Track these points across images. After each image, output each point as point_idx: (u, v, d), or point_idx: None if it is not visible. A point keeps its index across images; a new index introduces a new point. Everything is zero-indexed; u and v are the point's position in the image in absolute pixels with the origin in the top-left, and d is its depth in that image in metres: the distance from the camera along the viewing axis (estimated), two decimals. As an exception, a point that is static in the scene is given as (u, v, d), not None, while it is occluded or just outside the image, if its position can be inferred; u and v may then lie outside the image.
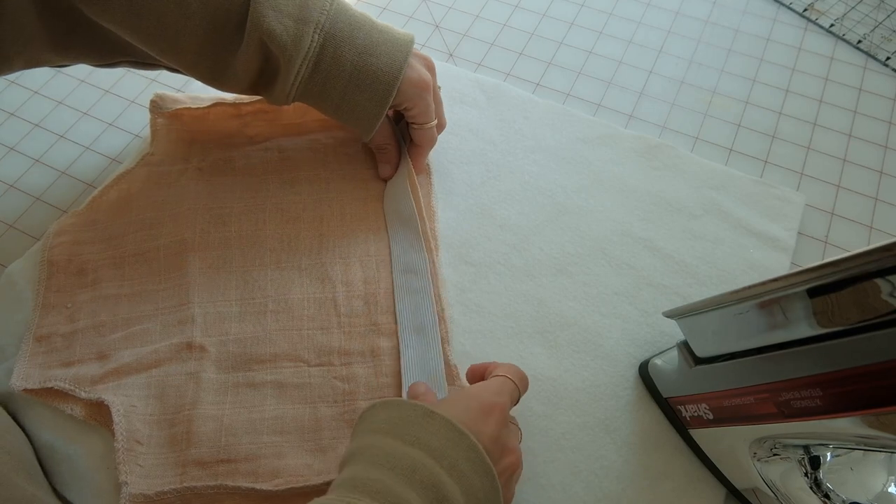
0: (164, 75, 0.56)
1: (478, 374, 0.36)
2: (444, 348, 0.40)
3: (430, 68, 0.44)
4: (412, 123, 0.44)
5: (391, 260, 0.43)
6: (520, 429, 0.36)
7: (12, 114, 0.54)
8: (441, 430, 0.28)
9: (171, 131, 0.49)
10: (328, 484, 0.35)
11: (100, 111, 0.54)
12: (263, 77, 0.40)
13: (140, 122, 0.53)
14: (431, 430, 0.28)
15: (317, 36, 0.38)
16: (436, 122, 0.44)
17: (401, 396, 0.38)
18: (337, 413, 0.38)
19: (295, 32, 0.38)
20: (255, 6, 0.37)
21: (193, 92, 0.53)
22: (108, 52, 0.41)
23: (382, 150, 0.46)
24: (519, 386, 0.35)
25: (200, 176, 0.47)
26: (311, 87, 0.40)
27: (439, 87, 0.45)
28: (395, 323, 0.41)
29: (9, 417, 0.38)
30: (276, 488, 0.35)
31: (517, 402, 0.35)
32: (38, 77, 0.56)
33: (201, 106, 0.49)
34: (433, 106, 0.43)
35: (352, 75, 0.40)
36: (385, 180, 0.47)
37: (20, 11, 0.35)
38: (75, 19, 0.37)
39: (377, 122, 0.42)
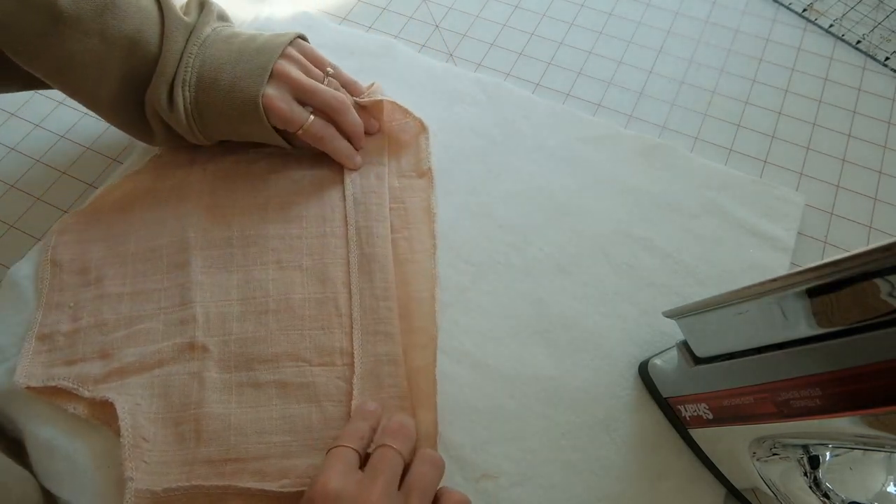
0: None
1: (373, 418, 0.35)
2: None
3: (302, 63, 0.44)
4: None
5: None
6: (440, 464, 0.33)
7: (13, 114, 0.54)
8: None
9: None
10: None
11: (100, 111, 0.54)
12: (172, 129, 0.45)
13: (140, 122, 0.53)
14: None
15: (188, 93, 0.42)
16: (311, 119, 0.44)
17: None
18: (343, 413, 0.38)
19: (171, 95, 0.42)
20: (155, 75, 0.42)
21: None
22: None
23: (319, 144, 0.46)
24: (403, 453, 0.32)
25: (204, 175, 0.47)
26: (207, 131, 0.45)
27: (328, 71, 0.46)
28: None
29: (19, 468, 0.36)
30: (283, 490, 0.35)
31: (406, 462, 0.32)
32: (39, 77, 0.56)
33: None
34: (294, 112, 0.43)
35: (228, 114, 0.43)
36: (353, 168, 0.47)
37: None
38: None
39: (279, 140, 0.45)
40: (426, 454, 0.33)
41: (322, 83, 0.45)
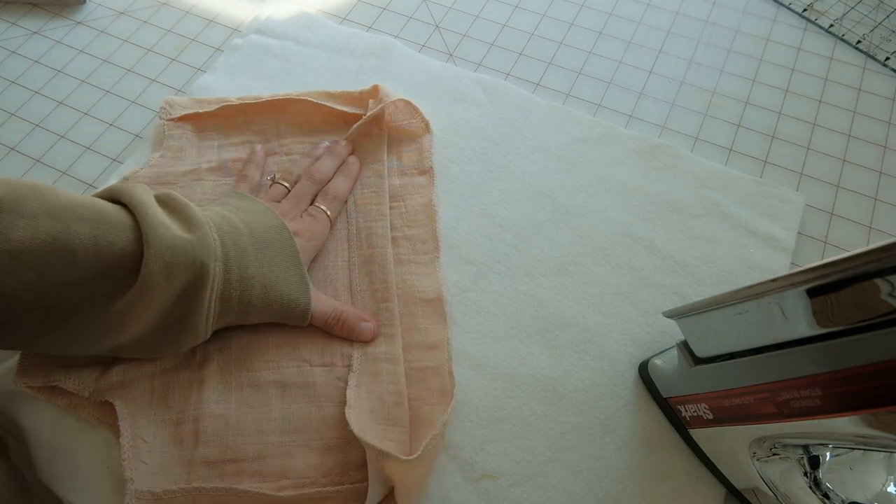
0: (165, 75, 0.56)
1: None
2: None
3: (315, 234, 0.42)
4: None
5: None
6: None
7: (13, 114, 0.54)
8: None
9: (179, 136, 0.49)
10: (335, 485, 0.35)
11: (100, 111, 0.54)
12: (171, 312, 0.35)
13: (140, 122, 0.53)
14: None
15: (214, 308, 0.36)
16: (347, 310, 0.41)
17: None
18: (342, 414, 0.38)
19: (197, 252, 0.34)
20: (152, 237, 0.33)
21: (196, 94, 0.53)
22: None
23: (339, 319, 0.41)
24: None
25: (207, 176, 0.47)
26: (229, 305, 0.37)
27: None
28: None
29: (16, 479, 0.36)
30: (282, 493, 0.35)
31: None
32: (39, 77, 0.56)
33: (209, 109, 0.49)
34: (338, 309, 0.40)
35: (262, 316, 0.38)
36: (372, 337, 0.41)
37: None
38: None
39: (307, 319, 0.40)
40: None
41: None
